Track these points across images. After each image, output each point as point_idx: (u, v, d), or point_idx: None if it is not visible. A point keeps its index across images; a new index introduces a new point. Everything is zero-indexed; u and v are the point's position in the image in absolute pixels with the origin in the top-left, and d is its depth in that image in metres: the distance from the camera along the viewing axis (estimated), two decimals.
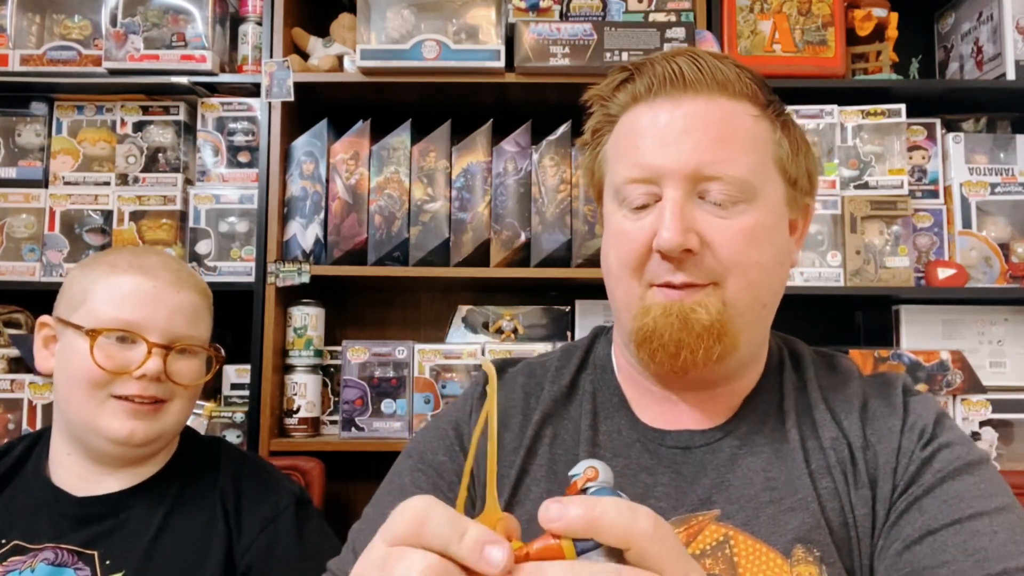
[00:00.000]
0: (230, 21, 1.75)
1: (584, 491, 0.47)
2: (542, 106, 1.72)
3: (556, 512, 0.36)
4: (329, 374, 1.72)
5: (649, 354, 0.69)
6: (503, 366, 0.84)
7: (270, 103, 1.64)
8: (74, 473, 0.99)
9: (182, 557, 0.96)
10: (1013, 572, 0.59)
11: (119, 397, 0.95)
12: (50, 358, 1.01)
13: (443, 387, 1.64)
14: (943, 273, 1.62)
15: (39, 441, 1.04)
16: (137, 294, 0.97)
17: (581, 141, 0.82)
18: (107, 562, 0.93)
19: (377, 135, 1.71)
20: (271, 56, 1.66)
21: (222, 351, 1.07)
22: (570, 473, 0.52)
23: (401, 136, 1.69)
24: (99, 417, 0.95)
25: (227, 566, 0.97)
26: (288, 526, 1.00)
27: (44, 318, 1.02)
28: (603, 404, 0.77)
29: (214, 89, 1.72)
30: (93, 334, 0.94)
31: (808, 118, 1.67)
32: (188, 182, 1.71)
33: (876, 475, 0.68)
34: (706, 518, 0.68)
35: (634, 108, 0.72)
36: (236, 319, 1.69)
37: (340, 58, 1.70)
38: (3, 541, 0.94)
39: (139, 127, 1.71)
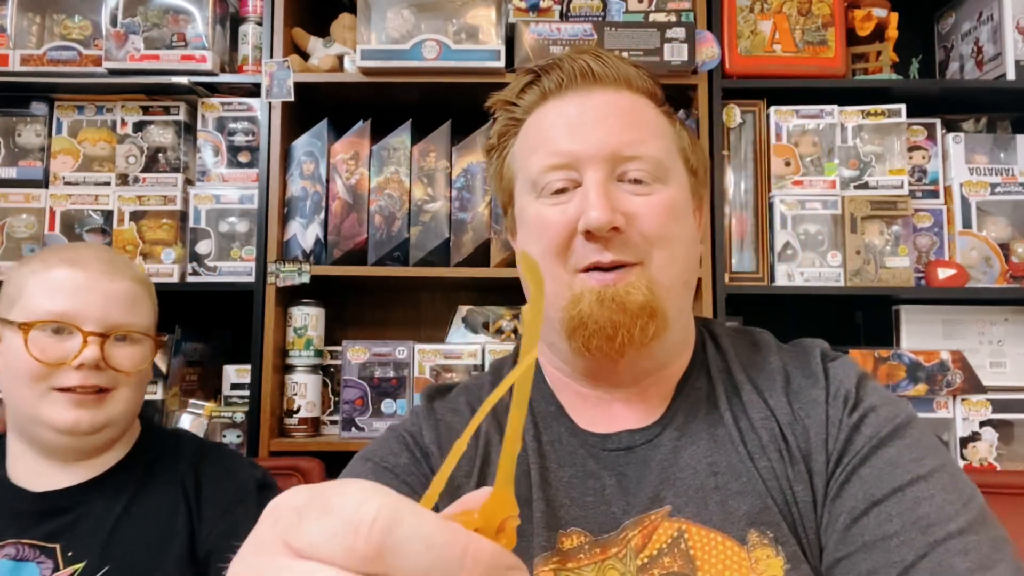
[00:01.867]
0: (230, 21, 1.75)
1: None
2: None
3: None
4: (329, 374, 1.72)
5: (584, 341, 0.69)
6: (440, 391, 0.81)
7: (270, 103, 1.64)
8: (30, 470, 0.99)
9: (144, 545, 0.96)
10: (955, 535, 0.59)
11: (62, 389, 0.95)
12: None
13: None
14: (943, 273, 1.62)
15: None
16: (69, 285, 0.97)
17: (487, 147, 0.82)
18: (69, 554, 0.94)
19: (377, 135, 1.71)
20: (271, 56, 1.66)
21: (163, 337, 1.07)
22: None
23: (401, 136, 1.69)
24: (42, 409, 0.95)
25: (190, 553, 0.97)
26: (250, 511, 1.00)
27: None
28: (541, 414, 0.76)
29: (214, 89, 1.72)
30: (25, 327, 0.95)
31: (808, 118, 1.68)
32: (188, 182, 1.71)
33: (809, 448, 0.68)
34: (658, 516, 0.68)
35: (542, 106, 0.74)
36: (236, 319, 1.69)
37: (340, 58, 1.70)
38: None
39: (139, 127, 1.71)
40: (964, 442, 1.57)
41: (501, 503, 0.28)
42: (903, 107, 1.67)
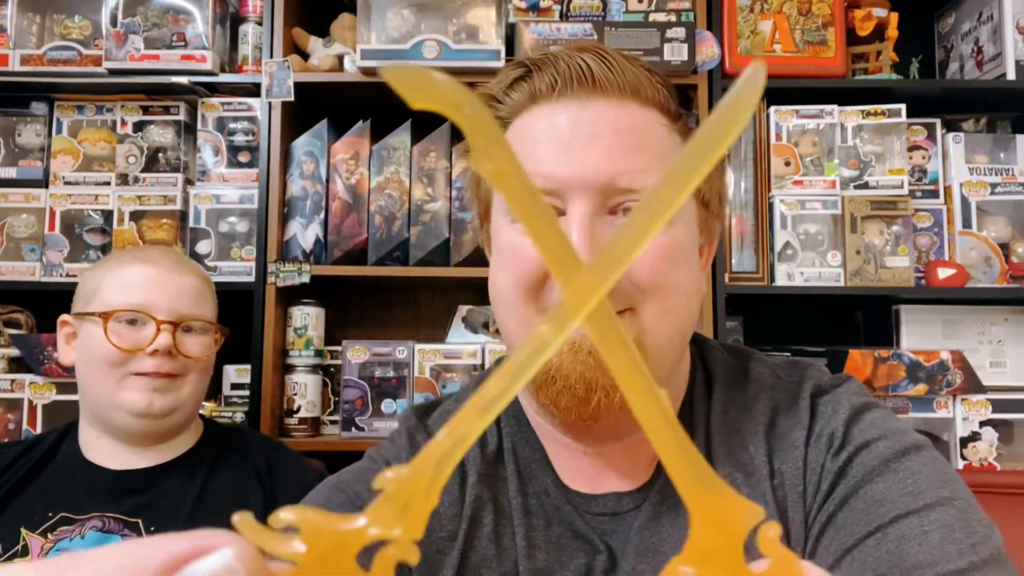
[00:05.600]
0: (230, 21, 1.75)
1: None
2: None
3: None
4: (329, 374, 1.72)
5: (552, 399, 0.59)
6: (419, 418, 0.72)
7: (270, 103, 1.64)
8: (106, 453, 1.06)
9: (224, 522, 1.02)
10: None
11: (138, 375, 1.03)
12: (72, 352, 1.09)
13: (443, 387, 1.64)
14: (943, 273, 1.62)
15: (68, 432, 1.11)
16: (142, 279, 1.06)
17: (465, 148, 0.70)
18: (152, 528, 1.01)
19: (377, 135, 1.71)
20: (271, 56, 1.66)
21: (226, 329, 1.17)
22: None
23: (401, 136, 1.69)
24: (119, 393, 1.03)
25: None
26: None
27: (64, 317, 1.11)
28: (525, 461, 0.67)
29: (214, 89, 1.72)
30: (105, 316, 1.03)
31: (808, 118, 1.68)
32: (188, 182, 1.71)
33: (785, 506, 0.59)
34: None
35: (531, 109, 0.63)
36: (236, 319, 1.69)
37: (340, 58, 1.70)
38: (49, 514, 1.01)
39: (139, 127, 1.71)
40: (964, 442, 1.57)
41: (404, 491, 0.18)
42: (903, 107, 1.67)
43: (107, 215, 1.68)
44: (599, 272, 0.19)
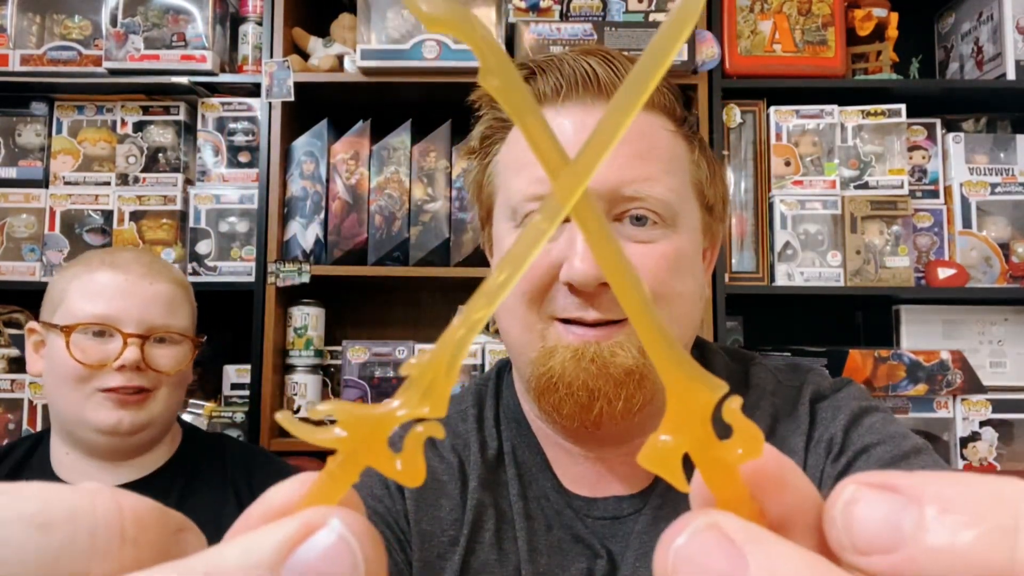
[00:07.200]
0: (230, 21, 1.75)
1: None
2: None
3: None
4: (329, 374, 1.72)
5: (554, 405, 0.59)
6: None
7: (270, 103, 1.64)
8: (76, 470, 1.01)
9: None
10: None
11: (105, 390, 0.97)
12: (40, 361, 1.03)
13: None
14: (943, 273, 1.62)
15: (40, 442, 1.06)
16: (109, 288, 0.98)
17: (467, 150, 0.72)
18: None
19: (377, 135, 1.71)
20: (271, 56, 1.66)
21: (202, 338, 1.08)
22: None
23: (401, 136, 1.69)
24: (86, 410, 0.96)
25: None
26: None
27: (31, 324, 1.05)
28: (525, 465, 0.67)
29: (214, 89, 1.72)
30: (67, 330, 0.97)
31: (808, 118, 1.67)
32: (188, 182, 1.71)
33: None
34: None
35: None
36: (236, 319, 1.69)
37: (340, 58, 1.70)
38: None
39: (139, 127, 1.71)
40: (964, 442, 1.57)
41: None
42: (903, 107, 1.67)
43: (107, 215, 1.68)
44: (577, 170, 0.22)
